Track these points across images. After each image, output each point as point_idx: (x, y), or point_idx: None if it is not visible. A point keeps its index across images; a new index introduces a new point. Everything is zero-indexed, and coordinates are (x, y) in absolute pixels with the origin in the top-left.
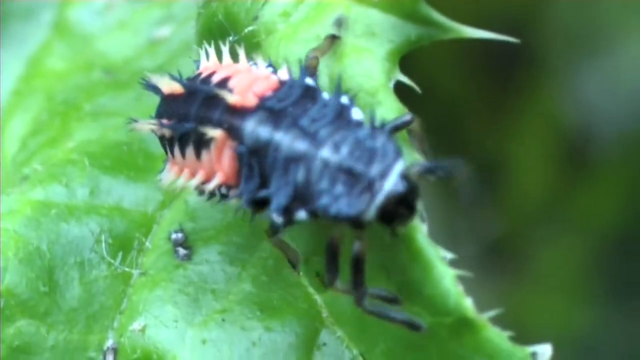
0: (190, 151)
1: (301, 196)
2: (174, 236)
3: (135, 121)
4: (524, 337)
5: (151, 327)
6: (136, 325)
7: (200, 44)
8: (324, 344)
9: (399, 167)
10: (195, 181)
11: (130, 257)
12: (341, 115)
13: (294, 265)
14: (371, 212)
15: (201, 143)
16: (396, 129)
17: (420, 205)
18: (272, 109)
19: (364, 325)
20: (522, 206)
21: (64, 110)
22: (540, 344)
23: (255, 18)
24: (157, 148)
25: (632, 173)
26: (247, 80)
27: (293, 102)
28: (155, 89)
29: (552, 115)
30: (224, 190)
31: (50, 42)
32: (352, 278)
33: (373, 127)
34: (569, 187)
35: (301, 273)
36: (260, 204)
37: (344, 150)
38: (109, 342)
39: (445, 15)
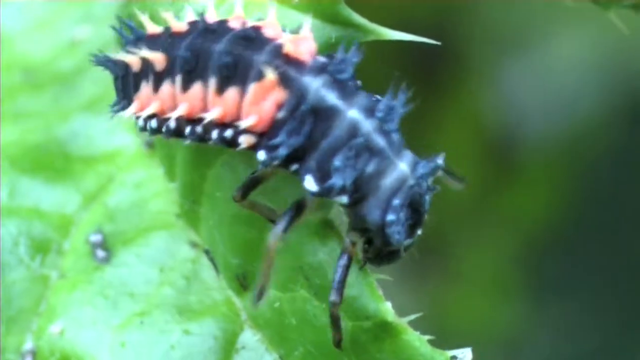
0: (199, 86)
1: (358, 186)
2: (92, 238)
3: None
4: (448, 338)
5: (70, 329)
6: (55, 327)
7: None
8: (243, 347)
9: None
10: (210, 116)
11: (49, 259)
12: (399, 129)
13: (273, 221)
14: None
15: (231, 79)
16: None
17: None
18: (334, 75)
19: (283, 329)
20: (445, 206)
21: None
22: (464, 346)
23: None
24: (75, 150)
25: (557, 171)
26: (290, 35)
27: (350, 79)
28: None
29: (477, 114)
30: (228, 133)
31: None
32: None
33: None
34: (494, 186)
35: (221, 276)
36: (288, 162)
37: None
38: (28, 345)
39: (367, 17)
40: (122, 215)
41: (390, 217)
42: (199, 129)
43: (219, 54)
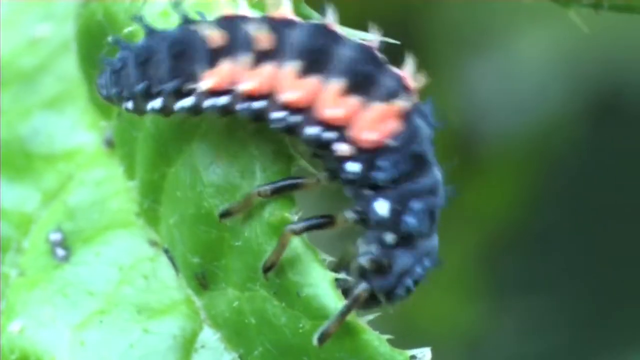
0: (317, 81)
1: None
2: (52, 236)
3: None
4: (411, 337)
5: (29, 328)
6: (14, 325)
7: (79, 43)
8: (202, 346)
9: None
10: (329, 114)
11: (8, 257)
12: None
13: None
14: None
15: (358, 89)
16: None
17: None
18: (430, 128)
19: (242, 328)
20: None
21: None
22: (424, 345)
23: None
24: (36, 148)
25: (520, 169)
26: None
27: None
28: None
29: (441, 111)
30: (329, 135)
31: None
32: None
33: None
34: (457, 184)
35: (180, 275)
36: (368, 185)
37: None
38: None
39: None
40: (81, 214)
41: (409, 281)
42: (291, 119)
43: (352, 61)
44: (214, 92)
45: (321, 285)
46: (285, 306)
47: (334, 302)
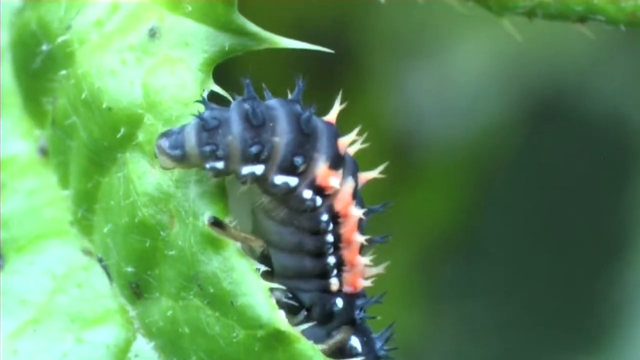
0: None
1: None
2: None
3: None
4: None
5: None
6: None
7: (14, 53)
8: (136, 356)
9: None
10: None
11: None
12: None
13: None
14: None
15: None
16: None
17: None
18: None
19: (176, 337)
20: None
21: None
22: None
23: (69, 27)
24: None
25: (457, 176)
26: None
27: None
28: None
29: (378, 119)
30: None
31: None
32: None
33: None
34: (394, 191)
35: (114, 284)
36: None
37: None
38: None
39: (265, 25)
40: (15, 223)
41: None
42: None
43: None
44: (317, 186)
45: (255, 294)
46: (219, 315)
47: (268, 311)
